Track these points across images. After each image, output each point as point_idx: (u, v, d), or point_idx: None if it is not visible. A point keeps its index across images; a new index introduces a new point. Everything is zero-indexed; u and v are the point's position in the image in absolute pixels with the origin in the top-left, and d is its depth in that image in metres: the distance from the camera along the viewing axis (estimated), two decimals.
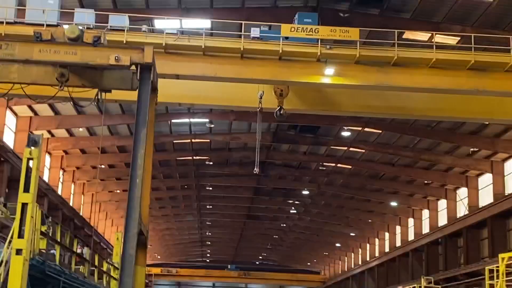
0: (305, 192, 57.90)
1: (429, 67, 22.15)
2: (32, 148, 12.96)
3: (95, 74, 13.78)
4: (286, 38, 22.17)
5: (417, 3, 26.77)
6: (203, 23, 28.42)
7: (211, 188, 58.54)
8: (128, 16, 22.31)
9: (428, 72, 22.21)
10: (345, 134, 41.47)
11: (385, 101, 24.98)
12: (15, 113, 35.02)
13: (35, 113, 35.77)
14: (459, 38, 27.53)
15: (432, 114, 25.49)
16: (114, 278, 27.07)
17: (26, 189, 13.01)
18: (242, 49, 21.80)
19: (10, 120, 34.29)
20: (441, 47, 23.20)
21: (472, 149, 38.74)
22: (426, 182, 47.20)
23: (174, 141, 44.61)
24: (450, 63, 22.19)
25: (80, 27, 13.82)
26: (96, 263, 26.82)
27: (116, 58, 13.01)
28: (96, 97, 14.09)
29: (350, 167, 48.72)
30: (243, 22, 22.98)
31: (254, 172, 23.72)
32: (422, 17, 27.69)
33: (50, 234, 20.73)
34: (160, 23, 27.92)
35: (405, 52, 22.17)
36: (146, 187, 13.37)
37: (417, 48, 23.17)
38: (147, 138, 13.01)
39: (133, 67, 13.34)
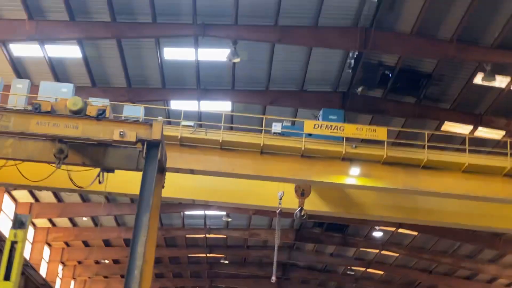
0: None
1: (461, 172, 22.91)
2: (18, 229, 12.91)
3: (97, 151, 13.84)
4: (310, 134, 23.15)
5: (457, 93, 27.31)
6: (224, 105, 29.45)
7: None
8: (144, 102, 23.64)
9: (460, 176, 22.92)
10: (377, 234, 41.78)
11: (415, 203, 25.65)
12: (14, 199, 35.99)
13: (36, 199, 36.58)
14: (504, 132, 28.12)
15: (466, 222, 25.98)
16: None
17: (7, 277, 12.69)
18: (262, 144, 22.75)
19: (8, 206, 35.09)
20: (475, 151, 23.67)
21: None
22: None
23: (187, 236, 44.98)
24: (484, 168, 22.90)
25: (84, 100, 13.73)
26: None
27: (121, 133, 13.08)
28: (97, 178, 14.06)
29: (382, 272, 48.86)
30: (263, 116, 24.28)
31: (272, 281, 23.64)
32: (462, 108, 28.21)
33: None
34: (176, 103, 29.21)
35: (436, 155, 23.00)
36: (146, 281, 13.06)
37: (449, 152, 23.94)
38: (150, 224, 12.82)
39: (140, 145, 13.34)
